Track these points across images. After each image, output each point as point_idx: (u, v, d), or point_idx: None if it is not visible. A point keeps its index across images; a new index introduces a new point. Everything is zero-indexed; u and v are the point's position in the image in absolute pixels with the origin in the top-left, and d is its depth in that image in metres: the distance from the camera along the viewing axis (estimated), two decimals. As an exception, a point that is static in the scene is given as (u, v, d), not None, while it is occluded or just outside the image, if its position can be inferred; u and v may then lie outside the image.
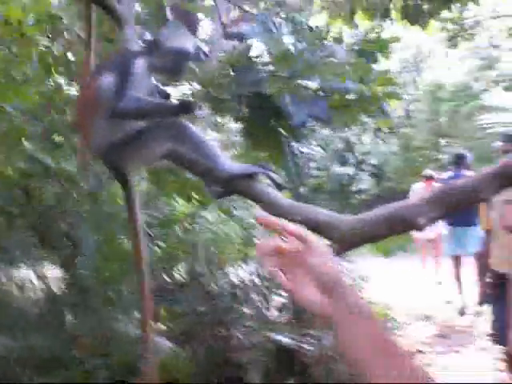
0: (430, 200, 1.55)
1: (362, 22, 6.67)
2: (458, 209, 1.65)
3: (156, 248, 4.78)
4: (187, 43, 2.05)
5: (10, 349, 4.01)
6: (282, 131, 2.68)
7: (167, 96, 2.20)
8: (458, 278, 7.74)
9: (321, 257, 0.99)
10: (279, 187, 1.85)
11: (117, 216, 4.49)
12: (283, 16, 2.60)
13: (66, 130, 3.24)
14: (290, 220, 1.57)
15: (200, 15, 3.06)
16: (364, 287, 5.77)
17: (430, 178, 9.14)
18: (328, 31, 2.69)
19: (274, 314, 5.12)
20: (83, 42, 2.76)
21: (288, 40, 2.35)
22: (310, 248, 0.99)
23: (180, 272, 5.43)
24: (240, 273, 5.32)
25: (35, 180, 3.73)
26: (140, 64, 1.99)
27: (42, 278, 4.93)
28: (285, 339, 4.46)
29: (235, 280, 5.26)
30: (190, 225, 5.09)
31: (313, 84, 2.37)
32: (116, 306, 4.34)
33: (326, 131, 16.23)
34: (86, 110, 2.06)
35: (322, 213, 1.67)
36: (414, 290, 8.53)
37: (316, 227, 1.57)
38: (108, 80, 1.96)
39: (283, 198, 1.73)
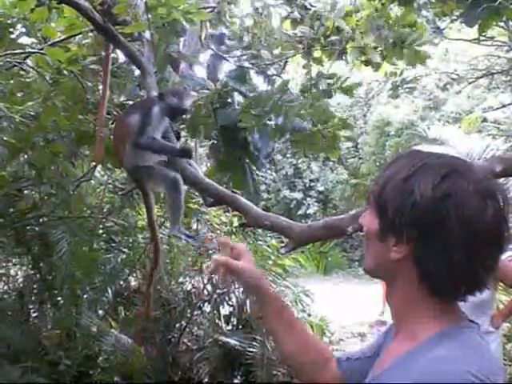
0: (355, 215, 2.16)
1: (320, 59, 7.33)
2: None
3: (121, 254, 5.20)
4: (187, 101, 2.78)
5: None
6: (247, 160, 3.30)
7: (178, 134, 2.90)
8: None
9: (248, 258, 1.46)
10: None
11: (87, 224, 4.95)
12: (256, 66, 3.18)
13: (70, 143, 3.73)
14: (262, 224, 2.21)
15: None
16: (307, 302, 6.29)
17: None
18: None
19: (223, 321, 5.59)
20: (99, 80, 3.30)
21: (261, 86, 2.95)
22: (241, 252, 1.47)
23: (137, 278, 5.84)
24: (194, 282, 5.79)
25: (25, 183, 4.16)
26: (156, 109, 2.67)
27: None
28: (232, 341, 4.92)
29: (189, 288, 5.72)
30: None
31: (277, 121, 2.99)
32: (81, 304, 4.72)
33: (277, 157, 16.98)
34: (120, 137, 2.73)
35: (284, 220, 2.33)
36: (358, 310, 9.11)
37: (280, 229, 2.22)
38: (135, 119, 2.64)
39: (258, 209, 2.35)
